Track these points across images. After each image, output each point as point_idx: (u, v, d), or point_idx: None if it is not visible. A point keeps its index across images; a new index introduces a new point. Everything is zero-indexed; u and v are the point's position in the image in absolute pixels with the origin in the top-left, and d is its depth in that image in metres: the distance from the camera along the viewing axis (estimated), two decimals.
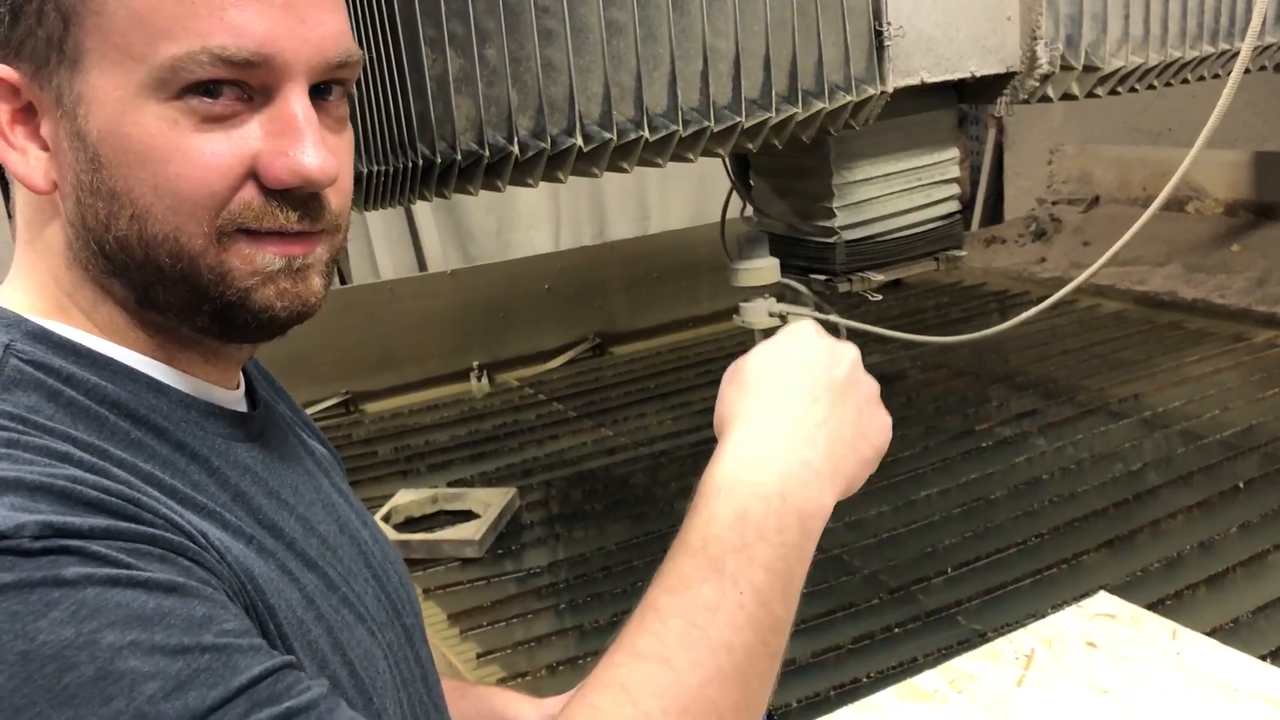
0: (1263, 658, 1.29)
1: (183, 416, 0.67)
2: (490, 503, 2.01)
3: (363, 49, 0.93)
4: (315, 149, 0.64)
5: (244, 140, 0.64)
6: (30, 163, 0.65)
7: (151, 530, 0.56)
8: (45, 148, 0.65)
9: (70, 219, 0.65)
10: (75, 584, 0.52)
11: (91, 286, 0.67)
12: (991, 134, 4.24)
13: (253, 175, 0.64)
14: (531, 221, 3.72)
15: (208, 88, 0.62)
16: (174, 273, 0.64)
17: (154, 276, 0.65)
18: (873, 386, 0.81)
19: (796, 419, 0.75)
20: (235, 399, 0.74)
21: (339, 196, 0.69)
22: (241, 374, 0.77)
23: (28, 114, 0.65)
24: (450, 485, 2.17)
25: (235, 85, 0.63)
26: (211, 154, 0.63)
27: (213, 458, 0.67)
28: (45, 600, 0.51)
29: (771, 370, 0.79)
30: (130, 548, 0.55)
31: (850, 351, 0.80)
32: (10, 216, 0.70)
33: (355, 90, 1.14)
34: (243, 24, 0.61)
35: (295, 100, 0.64)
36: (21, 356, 0.62)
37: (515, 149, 1.44)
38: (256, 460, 0.71)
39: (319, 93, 0.67)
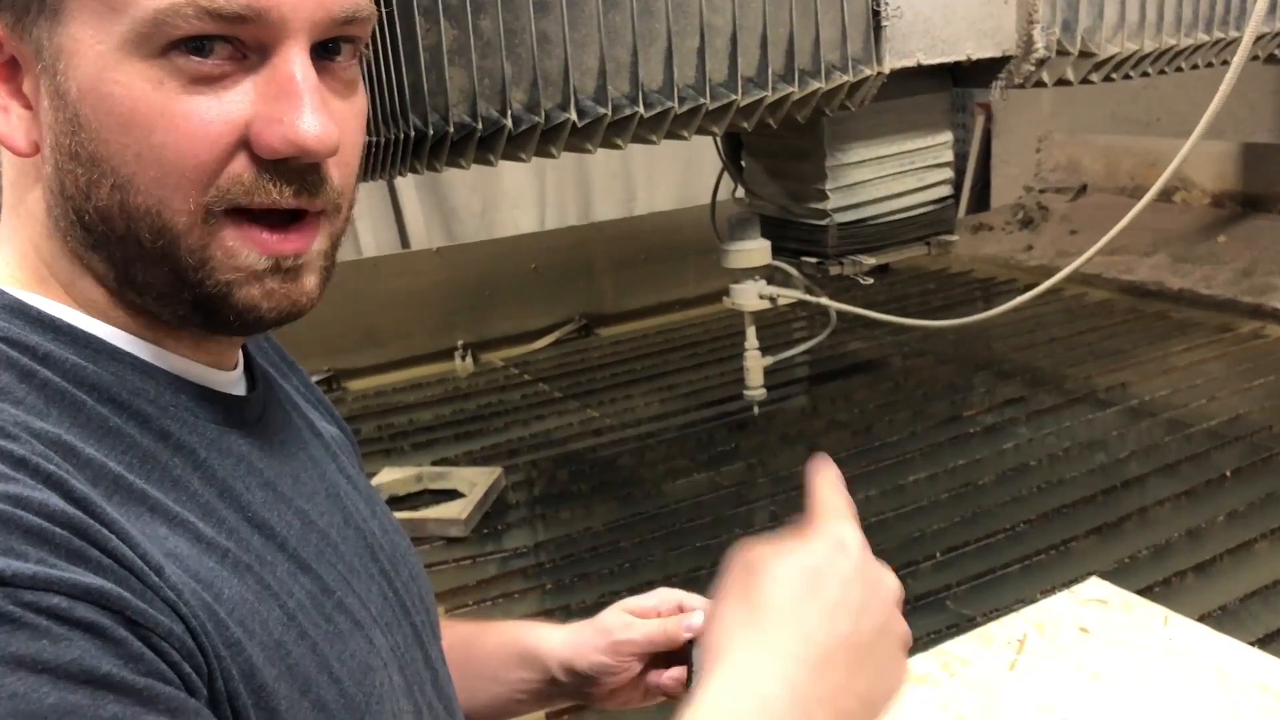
0: (1252, 644, 1.29)
1: (171, 401, 0.62)
2: (476, 482, 1.99)
3: None
4: (314, 114, 0.58)
5: (236, 104, 0.58)
6: (11, 122, 0.60)
7: (86, 581, 0.49)
8: (28, 106, 0.60)
9: (49, 185, 0.60)
10: None
11: (69, 259, 0.61)
12: (980, 121, 4.24)
13: (245, 145, 0.58)
14: (516, 201, 3.69)
15: (196, 44, 0.56)
16: (154, 250, 0.59)
17: (134, 253, 0.59)
18: (902, 634, 0.67)
19: (797, 692, 0.61)
20: (231, 380, 0.68)
21: (341, 170, 0.63)
22: (240, 351, 0.71)
23: (11, 69, 0.60)
24: (435, 464, 2.15)
25: (227, 42, 0.57)
26: (199, 119, 0.57)
27: (200, 449, 0.62)
28: None
29: (788, 607, 0.64)
30: (56, 606, 0.48)
31: (891, 587, 0.67)
32: None
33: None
34: None
35: (293, 59, 0.58)
36: None
37: (508, 122, 1.42)
38: (253, 448, 0.66)
39: (325, 52, 0.61)
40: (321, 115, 0.59)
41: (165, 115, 0.57)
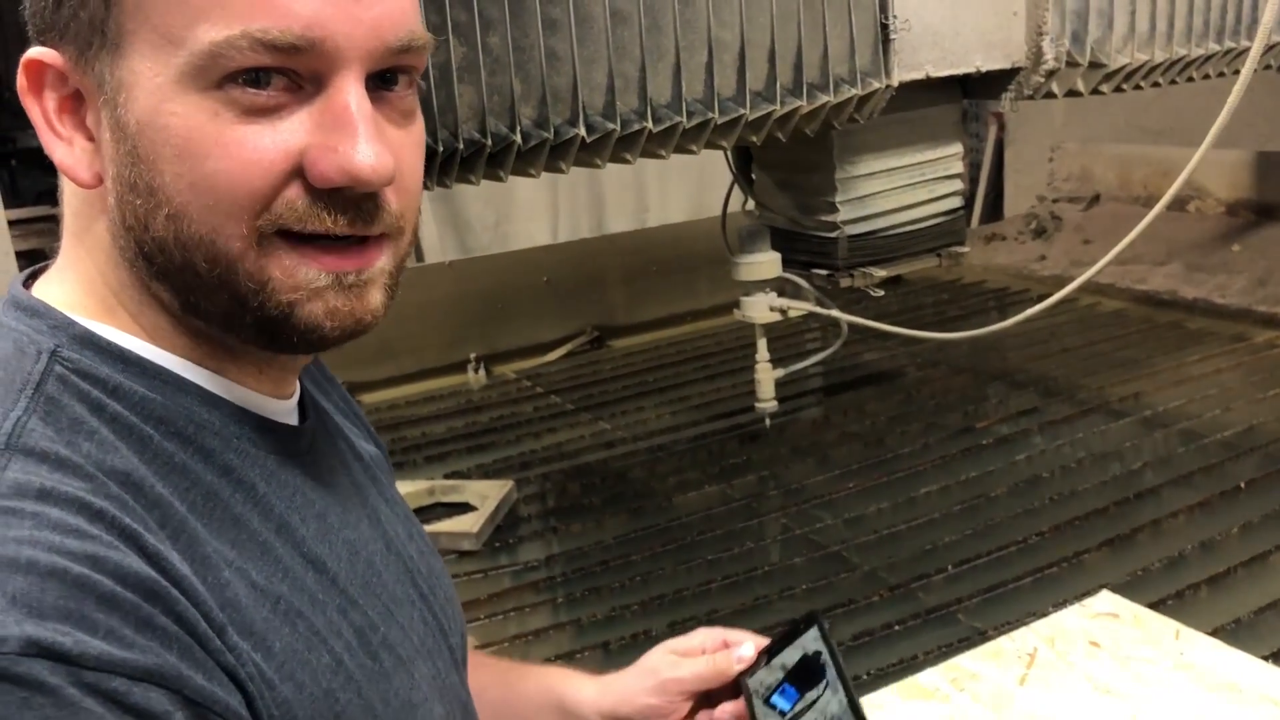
0: (1265, 658, 1.28)
1: (234, 433, 0.63)
2: (487, 495, 1.99)
3: None
4: (369, 144, 0.58)
5: (290, 133, 0.58)
6: (75, 154, 0.61)
7: (148, 662, 0.50)
8: (91, 138, 0.61)
9: (113, 216, 0.61)
10: None
11: (137, 289, 0.62)
12: (992, 131, 4.23)
13: (299, 173, 0.58)
14: (530, 213, 3.71)
15: (253, 76, 0.57)
16: (211, 279, 0.59)
17: (193, 282, 0.60)
18: None
19: None
20: (287, 410, 0.69)
21: (401, 197, 0.62)
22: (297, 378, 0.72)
23: (75, 102, 0.61)
24: (447, 477, 2.16)
25: (282, 73, 0.57)
26: (253, 148, 0.57)
27: (259, 483, 0.63)
28: None
29: None
30: (115, 690, 0.49)
31: None
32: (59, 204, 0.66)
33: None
34: (287, 4, 0.56)
35: (348, 90, 0.58)
36: (68, 364, 0.58)
37: (518, 139, 1.43)
38: (306, 479, 0.67)
39: (382, 82, 0.61)
40: (376, 145, 0.59)
41: (219, 144, 0.57)
